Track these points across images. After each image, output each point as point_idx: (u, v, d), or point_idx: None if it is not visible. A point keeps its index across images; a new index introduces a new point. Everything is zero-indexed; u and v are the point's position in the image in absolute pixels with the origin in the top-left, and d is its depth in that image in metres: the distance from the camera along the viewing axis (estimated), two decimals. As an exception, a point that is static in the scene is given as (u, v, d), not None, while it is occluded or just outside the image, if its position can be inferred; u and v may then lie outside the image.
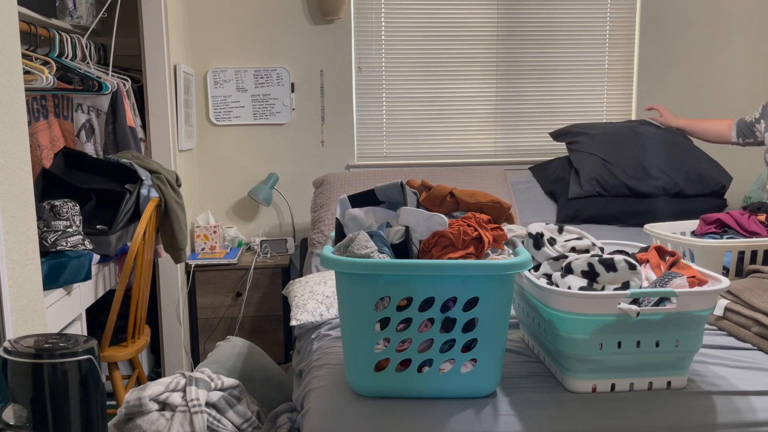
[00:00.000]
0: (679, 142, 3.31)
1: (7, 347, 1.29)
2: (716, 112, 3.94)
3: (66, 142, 2.88)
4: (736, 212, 2.56)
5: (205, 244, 3.44)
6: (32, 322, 1.68)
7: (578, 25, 3.82)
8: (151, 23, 2.96)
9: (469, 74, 3.80)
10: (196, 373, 2.16)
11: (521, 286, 1.73)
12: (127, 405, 2.01)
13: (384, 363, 1.55)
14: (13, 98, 1.61)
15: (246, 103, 3.64)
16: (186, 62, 3.46)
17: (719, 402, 1.62)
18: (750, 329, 1.99)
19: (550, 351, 1.67)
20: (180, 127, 3.21)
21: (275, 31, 3.63)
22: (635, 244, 1.92)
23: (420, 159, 3.84)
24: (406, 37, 3.74)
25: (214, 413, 2.07)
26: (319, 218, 3.20)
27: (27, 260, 1.66)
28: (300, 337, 2.26)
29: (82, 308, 2.26)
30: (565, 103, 3.88)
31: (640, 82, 3.88)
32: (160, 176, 2.65)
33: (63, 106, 2.88)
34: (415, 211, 1.64)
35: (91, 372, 1.31)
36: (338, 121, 3.73)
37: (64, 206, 2.17)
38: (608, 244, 1.94)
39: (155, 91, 3.02)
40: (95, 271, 2.35)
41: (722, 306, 2.10)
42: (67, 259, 2.05)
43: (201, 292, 3.32)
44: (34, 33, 2.56)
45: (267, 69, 3.63)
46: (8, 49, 1.58)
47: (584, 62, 3.86)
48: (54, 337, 1.36)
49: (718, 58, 3.91)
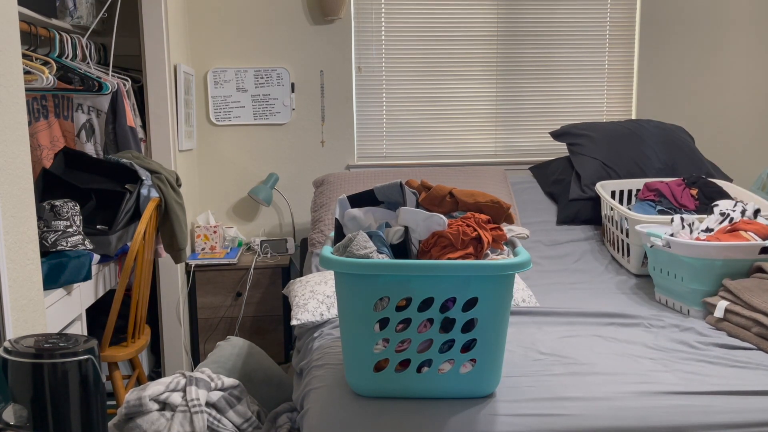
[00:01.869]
0: (679, 144, 3.32)
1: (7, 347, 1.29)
2: (716, 111, 3.94)
3: (66, 142, 2.88)
4: (674, 183, 2.79)
5: (205, 244, 3.44)
6: (32, 322, 1.69)
7: (578, 25, 3.82)
8: (151, 23, 2.97)
9: (469, 74, 3.80)
10: (196, 373, 2.17)
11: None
12: (127, 405, 2.02)
13: (383, 363, 1.55)
14: (13, 98, 1.61)
15: (246, 103, 3.64)
16: (186, 62, 3.46)
17: (719, 402, 1.62)
18: (750, 330, 1.99)
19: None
20: (180, 127, 3.21)
21: (275, 31, 3.63)
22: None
23: (420, 159, 3.84)
24: (406, 37, 3.74)
25: (214, 413, 2.07)
26: (319, 218, 3.20)
27: (27, 260, 1.66)
28: (300, 336, 2.26)
29: (82, 308, 2.27)
30: (565, 103, 3.88)
31: (640, 82, 3.88)
32: (160, 176, 2.65)
33: (63, 106, 2.88)
34: (414, 211, 1.64)
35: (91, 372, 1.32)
36: (338, 121, 3.73)
37: (64, 206, 2.18)
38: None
39: (155, 91, 3.03)
40: (95, 271, 2.35)
41: (722, 308, 2.10)
42: (67, 259, 2.05)
43: (201, 292, 3.33)
44: (34, 33, 2.56)
45: (267, 69, 3.63)
46: (8, 49, 1.59)
47: (584, 62, 3.86)
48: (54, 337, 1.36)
49: (718, 58, 3.91)
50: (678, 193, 2.84)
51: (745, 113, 3.96)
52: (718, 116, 3.95)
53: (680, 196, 2.82)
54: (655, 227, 2.52)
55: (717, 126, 3.95)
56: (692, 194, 2.82)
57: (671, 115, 3.90)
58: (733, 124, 3.96)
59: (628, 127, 3.38)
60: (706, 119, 3.94)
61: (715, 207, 2.54)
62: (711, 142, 3.94)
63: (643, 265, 2.73)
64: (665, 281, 2.40)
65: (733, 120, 3.96)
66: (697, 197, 2.83)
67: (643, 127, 3.37)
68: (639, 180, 3.12)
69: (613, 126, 3.42)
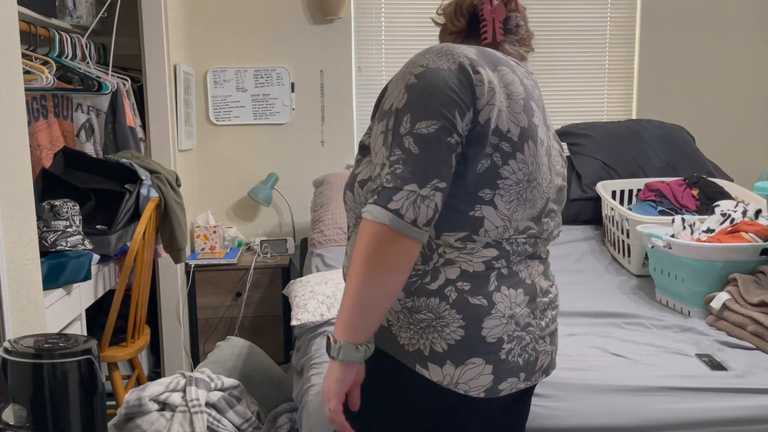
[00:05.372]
0: (680, 144, 3.31)
1: (7, 347, 1.29)
2: (716, 111, 3.94)
3: (66, 142, 2.88)
4: (675, 183, 2.79)
5: (205, 244, 3.44)
6: (32, 322, 1.68)
7: (578, 25, 3.82)
8: (151, 23, 2.96)
9: (469, 74, 3.80)
10: (196, 373, 2.16)
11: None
12: (127, 405, 2.01)
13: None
14: (13, 98, 1.60)
15: (246, 103, 3.64)
16: (186, 62, 3.45)
17: (719, 401, 1.62)
18: (746, 328, 1.99)
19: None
20: (180, 127, 3.21)
21: (275, 31, 3.63)
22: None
23: (420, 159, 3.84)
24: (406, 37, 3.74)
25: (214, 413, 2.06)
26: (319, 218, 3.19)
27: (27, 260, 1.66)
28: (300, 336, 2.26)
29: (82, 308, 2.26)
30: (565, 102, 3.88)
31: (641, 81, 3.88)
32: (159, 176, 2.65)
33: (63, 106, 2.87)
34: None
35: (91, 372, 1.31)
36: (338, 121, 3.72)
37: (63, 206, 2.17)
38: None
39: (155, 91, 3.02)
40: (95, 271, 2.34)
41: (721, 300, 2.10)
42: (67, 259, 2.04)
43: (201, 292, 3.32)
44: (34, 33, 2.56)
45: (267, 69, 3.63)
46: (8, 49, 1.58)
47: (584, 62, 3.85)
48: (54, 337, 1.36)
49: (718, 58, 3.91)
50: (679, 193, 2.84)
51: (746, 112, 3.96)
52: (718, 116, 3.94)
53: (681, 196, 2.82)
54: (655, 228, 2.52)
55: (718, 125, 3.95)
56: (693, 194, 2.82)
57: (672, 115, 3.89)
58: (734, 124, 3.96)
59: (628, 126, 3.38)
60: (707, 119, 3.94)
61: (716, 207, 2.54)
62: (712, 141, 3.94)
63: (644, 266, 2.73)
64: (666, 282, 2.39)
65: (734, 119, 3.96)
66: (698, 197, 2.83)
67: (643, 126, 3.37)
68: (640, 180, 3.12)
69: (614, 126, 3.41)
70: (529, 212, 1.25)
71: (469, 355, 1.20)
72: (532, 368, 1.27)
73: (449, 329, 1.20)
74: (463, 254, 1.22)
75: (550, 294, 1.33)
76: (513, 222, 1.23)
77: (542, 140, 1.27)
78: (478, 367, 1.21)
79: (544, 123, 1.31)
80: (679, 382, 1.68)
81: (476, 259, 1.22)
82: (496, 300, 1.22)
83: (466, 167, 1.19)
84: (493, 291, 1.22)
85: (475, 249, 1.22)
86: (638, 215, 2.69)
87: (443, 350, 1.20)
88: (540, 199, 1.27)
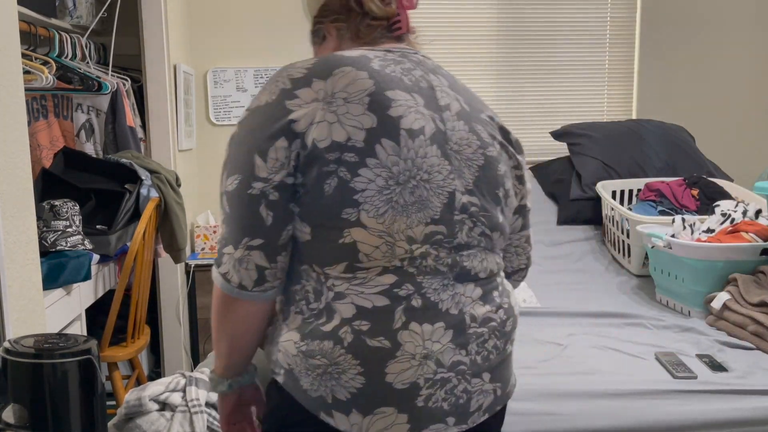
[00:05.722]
0: (680, 144, 3.31)
1: (7, 347, 1.29)
2: (716, 111, 3.94)
3: (66, 142, 2.88)
4: (675, 183, 2.80)
5: (205, 244, 3.44)
6: (32, 322, 1.68)
7: (578, 24, 3.82)
8: (151, 23, 2.96)
9: (469, 74, 3.80)
10: (196, 373, 2.16)
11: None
12: (127, 405, 2.01)
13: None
14: (13, 98, 1.60)
15: (246, 103, 3.64)
16: (186, 62, 3.45)
17: (719, 401, 1.62)
18: (746, 328, 1.99)
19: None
20: (180, 126, 3.20)
21: (275, 31, 3.63)
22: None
23: (420, 159, 3.84)
24: (406, 37, 3.74)
25: (214, 413, 2.06)
26: (319, 218, 3.19)
27: (27, 260, 1.66)
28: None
29: (82, 308, 2.26)
30: (565, 102, 3.87)
31: (641, 81, 3.88)
32: (159, 176, 2.65)
33: (63, 106, 2.87)
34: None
35: (91, 372, 1.31)
36: (338, 121, 3.72)
37: (63, 206, 2.17)
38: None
39: (155, 91, 3.02)
40: (95, 271, 2.34)
41: (722, 300, 2.10)
42: (66, 259, 2.04)
43: (201, 292, 3.32)
44: (34, 33, 2.56)
45: (267, 69, 3.63)
46: (8, 49, 1.58)
47: (584, 62, 3.85)
48: (54, 337, 1.36)
49: (718, 58, 3.90)
50: (679, 193, 2.84)
51: (747, 112, 3.96)
52: (719, 116, 3.94)
53: (681, 196, 2.83)
54: (656, 228, 2.52)
55: (718, 125, 3.95)
56: (693, 194, 2.82)
57: (672, 115, 3.89)
58: (734, 124, 3.96)
59: (628, 126, 3.38)
60: (707, 119, 3.93)
61: (716, 207, 2.54)
62: (712, 141, 3.93)
63: (644, 266, 2.73)
64: (666, 282, 2.39)
65: (734, 119, 3.96)
66: (698, 197, 2.84)
67: (643, 126, 3.37)
68: (640, 180, 3.12)
69: (614, 126, 3.41)
70: (419, 216, 1.07)
71: (376, 404, 1.05)
72: (464, 410, 1.09)
73: (346, 377, 1.05)
74: (354, 285, 1.06)
75: (492, 322, 1.13)
76: (397, 234, 1.05)
77: (419, 130, 1.09)
78: (389, 416, 1.05)
79: (428, 107, 1.12)
80: (679, 384, 1.68)
81: (371, 291, 1.06)
82: (402, 340, 1.05)
83: (315, 194, 1.05)
84: (399, 329, 1.05)
85: (368, 278, 1.06)
86: (638, 215, 2.69)
87: (346, 398, 1.05)
88: (437, 196, 1.08)
